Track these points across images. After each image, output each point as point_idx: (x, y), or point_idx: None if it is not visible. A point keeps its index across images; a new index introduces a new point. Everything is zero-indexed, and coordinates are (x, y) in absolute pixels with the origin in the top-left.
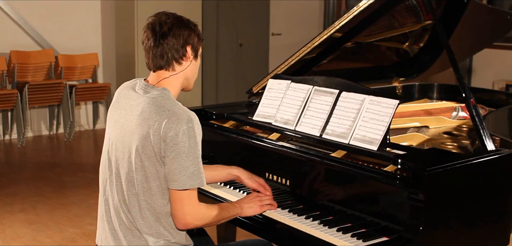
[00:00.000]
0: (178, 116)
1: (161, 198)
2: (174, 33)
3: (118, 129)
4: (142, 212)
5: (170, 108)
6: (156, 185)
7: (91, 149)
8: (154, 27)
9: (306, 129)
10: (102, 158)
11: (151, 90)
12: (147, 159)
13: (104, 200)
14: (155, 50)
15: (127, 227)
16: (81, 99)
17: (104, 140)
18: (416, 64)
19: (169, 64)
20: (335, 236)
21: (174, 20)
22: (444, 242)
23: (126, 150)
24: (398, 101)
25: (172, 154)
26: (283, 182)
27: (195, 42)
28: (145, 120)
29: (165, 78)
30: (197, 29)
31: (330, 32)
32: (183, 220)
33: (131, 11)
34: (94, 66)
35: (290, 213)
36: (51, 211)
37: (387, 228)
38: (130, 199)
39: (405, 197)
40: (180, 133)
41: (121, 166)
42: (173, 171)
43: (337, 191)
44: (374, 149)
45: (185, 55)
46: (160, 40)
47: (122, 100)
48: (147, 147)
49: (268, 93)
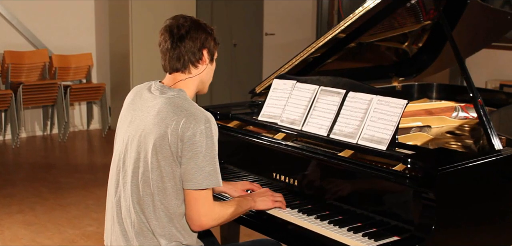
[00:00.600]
0: (196, 117)
1: (175, 199)
2: (192, 36)
3: (133, 129)
4: (156, 213)
5: (187, 108)
6: (171, 185)
7: (86, 150)
8: (172, 30)
9: (313, 128)
10: (114, 159)
11: (168, 91)
12: (164, 159)
13: (115, 200)
14: (172, 53)
15: (139, 228)
16: (76, 99)
17: (116, 141)
18: (415, 64)
19: (186, 67)
20: (347, 236)
21: (192, 23)
22: (455, 241)
23: (142, 150)
24: (406, 101)
25: (189, 153)
26: (291, 182)
27: (211, 46)
28: (162, 120)
29: (181, 81)
30: (213, 33)
31: (335, 32)
32: (199, 221)
33: (125, 11)
34: (88, 67)
35: (299, 213)
36: (50, 212)
37: (396, 227)
38: (145, 199)
39: (416, 196)
40: (198, 133)
41: (136, 166)
42: (189, 171)
43: (346, 191)
44: (383, 149)
45: (202, 58)
46: (177, 43)
47: (137, 102)
48: (164, 147)
49: (273, 93)
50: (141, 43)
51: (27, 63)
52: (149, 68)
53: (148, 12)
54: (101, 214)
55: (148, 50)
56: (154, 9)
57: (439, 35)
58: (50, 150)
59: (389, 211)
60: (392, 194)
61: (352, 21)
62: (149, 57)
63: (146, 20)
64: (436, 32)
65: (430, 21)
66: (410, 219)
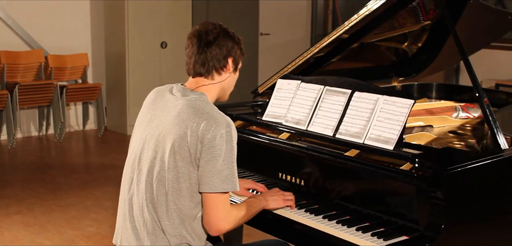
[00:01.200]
0: (217, 120)
1: (189, 200)
2: (219, 43)
3: (152, 128)
4: (169, 213)
5: (208, 111)
6: (186, 187)
7: (83, 150)
8: (200, 35)
9: (318, 128)
10: (129, 157)
11: (189, 93)
12: (181, 159)
13: (128, 198)
14: (198, 57)
15: (151, 227)
16: (72, 99)
17: (132, 139)
18: (414, 64)
19: (209, 73)
20: (356, 236)
21: (220, 30)
22: (465, 239)
23: (159, 149)
24: (413, 101)
25: (208, 156)
26: (297, 182)
27: (237, 56)
28: (182, 121)
29: (204, 85)
30: (240, 43)
31: (339, 33)
32: (217, 226)
33: (121, 11)
34: (84, 67)
35: (307, 213)
36: (49, 213)
37: (404, 227)
38: (158, 198)
39: (425, 195)
40: (218, 136)
41: (152, 165)
42: (206, 174)
43: (353, 190)
44: (390, 148)
45: (226, 66)
46: (204, 48)
47: (158, 102)
48: (183, 147)
49: (277, 93)
50: (137, 43)
51: (22, 64)
52: (145, 68)
53: (144, 12)
54: (101, 215)
55: (144, 50)
56: (151, 9)
57: (438, 35)
58: (46, 151)
59: (396, 211)
60: (399, 193)
61: (357, 22)
62: (145, 57)
63: (143, 20)
64: (435, 32)
65: (430, 21)
66: (419, 219)
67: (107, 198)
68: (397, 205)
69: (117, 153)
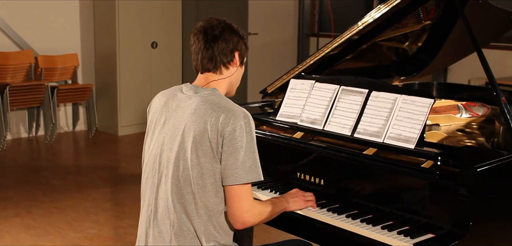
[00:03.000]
0: (234, 112)
1: (214, 196)
2: (225, 37)
3: (169, 130)
4: (198, 211)
5: (225, 105)
6: (210, 182)
7: (75, 152)
8: (206, 30)
9: (336, 128)
10: (148, 161)
11: (201, 90)
12: (204, 155)
13: (152, 203)
14: (205, 53)
15: (179, 228)
16: (63, 100)
17: (146, 143)
18: (414, 63)
19: (217, 67)
20: (382, 234)
21: (225, 25)
22: (492, 236)
23: (180, 149)
24: (433, 99)
25: (229, 149)
26: (316, 182)
27: (242, 50)
28: (200, 116)
29: (214, 81)
30: (245, 37)
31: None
32: (242, 218)
33: (112, 11)
34: (74, 67)
35: (329, 212)
36: (48, 215)
37: (427, 225)
38: (186, 197)
39: (452, 193)
40: (238, 128)
41: (176, 166)
42: (230, 166)
43: (373, 189)
44: (411, 147)
45: (233, 60)
46: (210, 43)
47: (170, 103)
48: (204, 143)
49: (291, 93)
50: (127, 44)
51: (12, 64)
52: (136, 68)
53: (134, 12)
54: (101, 217)
55: (135, 50)
56: (141, 9)
57: (438, 35)
58: (38, 152)
59: (418, 209)
60: (421, 191)
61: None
62: (136, 57)
63: (133, 20)
64: (435, 32)
65: (430, 21)
66: (441, 216)
67: (105, 200)
68: (418, 203)
69: (110, 153)
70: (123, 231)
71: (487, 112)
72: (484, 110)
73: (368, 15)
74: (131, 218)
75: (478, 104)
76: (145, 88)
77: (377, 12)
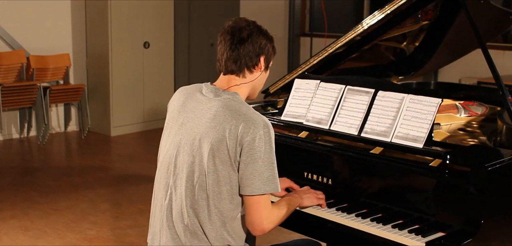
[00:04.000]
0: (254, 121)
1: (229, 203)
2: (252, 40)
3: (186, 132)
4: (211, 217)
5: (245, 112)
6: (226, 190)
7: (68, 152)
8: (234, 31)
9: (342, 128)
10: (163, 161)
11: (222, 94)
12: (221, 163)
13: (166, 205)
14: (230, 54)
15: (193, 231)
16: (55, 101)
17: (162, 144)
18: (412, 63)
19: (241, 70)
20: (394, 233)
21: (254, 27)
22: (503, 234)
23: (196, 154)
24: (441, 99)
25: (248, 158)
26: (324, 181)
27: (269, 54)
28: (219, 123)
29: (236, 85)
30: (273, 41)
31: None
32: (261, 226)
33: (104, 11)
34: (66, 67)
35: (338, 212)
36: (45, 217)
37: (437, 223)
38: (200, 203)
39: (461, 192)
40: (257, 138)
41: (191, 170)
42: (248, 176)
43: (382, 188)
44: (420, 146)
45: (258, 64)
46: (237, 45)
47: (190, 104)
48: (222, 151)
49: (295, 93)
50: (120, 44)
51: (4, 65)
52: (128, 68)
53: (127, 12)
54: (99, 218)
55: (127, 50)
56: (134, 9)
57: (435, 35)
58: (31, 153)
59: (428, 208)
60: (432, 191)
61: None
62: (128, 57)
63: (125, 20)
64: (432, 32)
65: (428, 22)
66: (451, 215)
67: (102, 201)
68: (427, 202)
69: (104, 154)
70: (122, 232)
71: (486, 111)
72: (483, 109)
73: (371, 16)
74: (129, 219)
75: (476, 104)
76: (138, 88)
77: (381, 13)
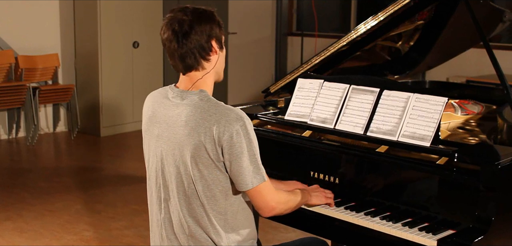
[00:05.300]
0: (227, 118)
1: (224, 201)
2: (196, 30)
3: (164, 143)
4: (211, 221)
5: (215, 111)
6: (219, 191)
7: (58, 153)
8: (174, 28)
9: (348, 127)
10: (150, 175)
11: (188, 95)
12: (205, 168)
13: (162, 218)
14: (181, 52)
15: (196, 239)
16: (44, 101)
17: (146, 157)
18: (406, 62)
19: (198, 63)
20: (405, 231)
21: (193, 15)
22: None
23: (180, 164)
24: (446, 98)
25: (231, 156)
26: (331, 180)
27: (218, 33)
28: (193, 129)
29: (199, 80)
30: (215, 18)
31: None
32: (268, 207)
33: (93, 11)
34: (55, 68)
35: (347, 210)
36: (40, 218)
37: (445, 221)
38: (197, 211)
39: (471, 190)
40: (234, 134)
41: (180, 181)
42: (236, 174)
43: (389, 187)
44: (427, 145)
45: (211, 50)
46: (183, 41)
47: (159, 112)
48: (203, 156)
49: (299, 92)
50: (109, 44)
51: None
52: (118, 68)
53: (116, 12)
54: (94, 219)
55: (116, 50)
56: (123, 8)
57: (429, 34)
58: (20, 154)
59: (436, 206)
60: (440, 189)
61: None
62: (118, 57)
63: (115, 20)
64: (427, 32)
65: (423, 21)
66: (460, 213)
67: (96, 201)
68: (435, 200)
69: (94, 154)
70: (119, 233)
71: (482, 109)
72: (479, 108)
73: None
74: (125, 219)
75: (471, 102)
76: (127, 88)
77: (383, 14)
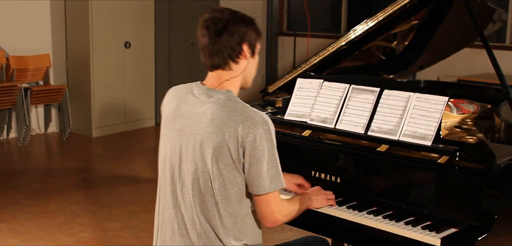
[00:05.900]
0: (253, 120)
1: (238, 203)
2: (230, 30)
3: (185, 138)
4: (222, 220)
5: (242, 112)
6: (234, 192)
7: (50, 154)
8: (208, 25)
9: (348, 126)
10: (165, 168)
11: (214, 94)
12: (225, 167)
13: (175, 212)
14: (211, 49)
15: (205, 237)
16: (36, 102)
17: (162, 148)
18: (401, 61)
19: (226, 63)
20: (408, 230)
21: (230, 16)
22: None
23: (199, 160)
24: (447, 97)
25: (251, 159)
26: (332, 180)
27: (252, 39)
28: (218, 127)
29: (226, 81)
30: (254, 24)
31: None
32: (272, 218)
33: (85, 11)
34: (46, 68)
35: (350, 210)
36: (35, 219)
37: (447, 220)
38: (210, 209)
39: (474, 188)
40: (258, 137)
41: (196, 177)
42: (253, 176)
43: (391, 186)
44: (428, 144)
45: (241, 53)
46: (215, 39)
47: (184, 107)
48: (224, 155)
49: (298, 92)
50: (101, 44)
51: None
52: (109, 69)
53: (107, 12)
54: (90, 220)
55: (108, 50)
56: (115, 8)
57: (424, 34)
58: (12, 156)
59: (438, 204)
60: (441, 187)
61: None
62: (109, 57)
63: (106, 20)
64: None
65: (418, 21)
66: (462, 211)
67: (90, 202)
68: (437, 198)
69: (86, 155)
70: (115, 234)
71: (477, 109)
72: (474, 107)
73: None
74: (120, 220)
75: (466, 101)
76: (119, 89)
77: (382, 14)
